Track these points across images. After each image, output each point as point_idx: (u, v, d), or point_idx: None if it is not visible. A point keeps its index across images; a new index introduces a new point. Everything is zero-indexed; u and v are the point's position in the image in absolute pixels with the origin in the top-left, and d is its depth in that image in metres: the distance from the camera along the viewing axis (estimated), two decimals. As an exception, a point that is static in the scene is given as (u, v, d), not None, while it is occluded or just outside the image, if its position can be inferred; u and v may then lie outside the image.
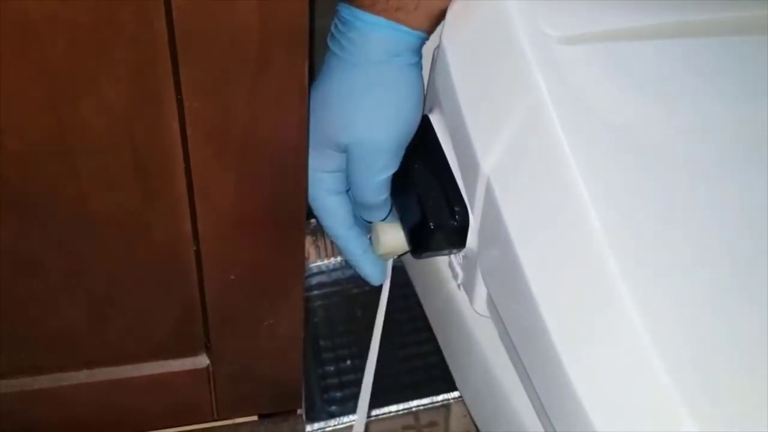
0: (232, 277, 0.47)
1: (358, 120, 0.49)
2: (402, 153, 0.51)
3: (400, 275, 0.73)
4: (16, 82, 0.34)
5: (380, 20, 0.47)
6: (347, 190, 0.54)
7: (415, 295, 0.68)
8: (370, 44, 0.48)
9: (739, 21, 0.46)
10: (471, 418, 0.61)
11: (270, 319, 0.51)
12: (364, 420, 0.56)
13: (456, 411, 0.68)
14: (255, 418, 0.65)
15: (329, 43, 0.50)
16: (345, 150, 0.51)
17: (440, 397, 0.68)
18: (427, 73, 0.54)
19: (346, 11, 0.48)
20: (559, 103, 0.42)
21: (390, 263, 0.58)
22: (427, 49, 0.54)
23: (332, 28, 0.50)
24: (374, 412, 0.67)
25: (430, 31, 0.49)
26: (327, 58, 0.50)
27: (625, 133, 0.42)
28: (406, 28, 0.48)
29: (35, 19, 0.32)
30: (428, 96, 0.54)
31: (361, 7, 0.47)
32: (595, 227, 0.39)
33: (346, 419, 0.67)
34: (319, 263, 0.74)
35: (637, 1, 0.46)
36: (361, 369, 0.68)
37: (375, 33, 0.48)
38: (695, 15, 0.46)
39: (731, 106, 0.44)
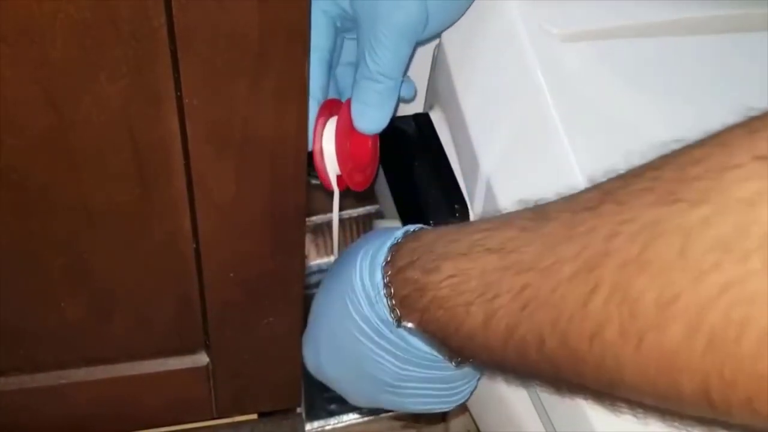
0: (231, 275, 0.47)
1: None
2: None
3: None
4: (14, 80, 0.34)
5: None
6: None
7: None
8: None
9: (740, 18, 0.46)
10: (471, 417, 0.61)
11: (270, 317, 0.51)
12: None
13: (456, 411, 0.68)
14: (255, 416, 0.65)
15: None
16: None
17: (440, 396, 0.67)
18: (428, 72, 0.54)
19: None
20: (560, 101, 0.42)
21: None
22: (427, 47, 0.54)
23: None
24: (373, 412, 0.67)
25: None
26: None
27: (627, 130, 0.42)
28: None
29: (34, 16, 0.32)
30: (428, 94, 0.54)
31: None
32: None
33: (346, 418, 0.67)
34: (319, 261, 0.73)
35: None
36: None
37: None
38: (696, 12, 0.46)
39: (733, 103, 0.43)
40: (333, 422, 0.66)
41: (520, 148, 0.44)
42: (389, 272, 0.39)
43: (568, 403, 0.39)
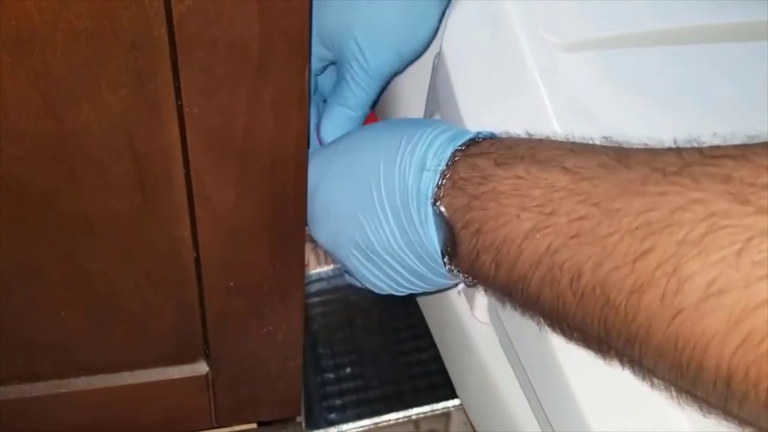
0: (231, 283, 0.47)
1: (376, 40, 0.49)
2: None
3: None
4: (15, 88, 0.34)
5: None
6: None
7: (415, 302, 0.68)
8: None
9: (743, 27, 0.46)
10: (471, 425, 0.61)
11: (269, 326, 0.51)
12: None
13: (456, 419, 0.68)
14: (254, 425, 0.64)
15: None
16: (338, 48, 0.50)
17: (441, 405, 0.67)
18: (428, 80, 0.54)
19: None
20: (561, 111, 0.42)
21: None
22: (428, 55, 0.54)
23: None
24: (374, 421, 0.67)
25: None
26: None
27: (627, 141, 0.42)
28: None
29: (35, 25, 0.32)
30: (429, 102, 0.54)
31: None
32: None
33: (346, 427, 0.66)
34: (318, 270, 0.73)
35: (637, 8, 0.46)
36: (361, 376, 0.68)
37: None
38: (699, 21, 0.46)
39: (733, 112, 0.44)
40: (332, 431, 0.66)
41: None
42: (457, 157, 0.38)
43: (565, 403, 0.39)
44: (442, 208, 0.38)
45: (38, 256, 0.43)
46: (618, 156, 0.33)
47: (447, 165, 0.39)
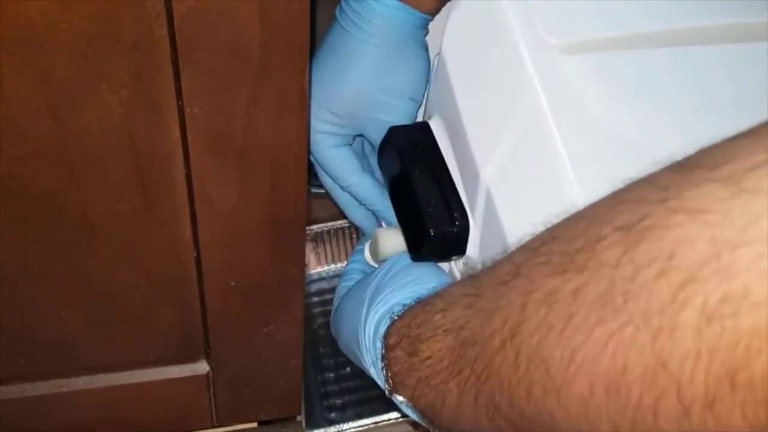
0: (232, 283, 0.47)
1: (379, 100, 0.52)
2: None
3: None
4: (17, 89, 0.34)
5: (395, 3, 0.50)
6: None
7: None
8: (385, 25, 0.50)
9: (742, 28, 0.46)
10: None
11: (270, 325, 0.51)
12: None
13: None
14: (254, 424, 0.65)
15: (338, 15, 0.52)
16: (355, 121, 0.54)
17: (440, 405, 0.67)
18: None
19: None
20: (558, 113, 0.42)
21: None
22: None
23: (342, 2, 0.52)
24: (374, 420, 0.67)
25: (435, 13, 0.52)
26: (334, 30, 0.52)
27: (625, 143, 0.42)
28: (417, 12, 0.51)
29: (36, 26, 0.32)
30: (428, 103, 0.54)
31: None
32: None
33: (346, 426, 0.67)
34: (318, 270, 0.73)
35: (636, 9, 0.46)
36: (362, 375, 0.68)
37: (389, 14, 0.50)
38: (698, 22, 0.46)
39: (733, 113, 0.44)
40: (333, 430, 0.66)
41: (519, 158, 0.44)
42: (385, 345, 0.44)
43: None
44: (401, 399, 0.43)
45: (39, 256, 0.43)
46: (474, 289, 0.37)
47: (383, 358, 0.44)
